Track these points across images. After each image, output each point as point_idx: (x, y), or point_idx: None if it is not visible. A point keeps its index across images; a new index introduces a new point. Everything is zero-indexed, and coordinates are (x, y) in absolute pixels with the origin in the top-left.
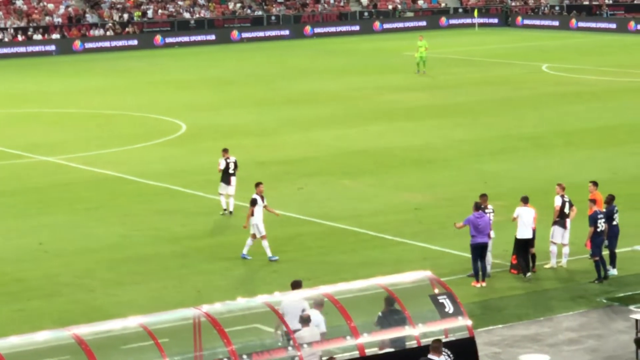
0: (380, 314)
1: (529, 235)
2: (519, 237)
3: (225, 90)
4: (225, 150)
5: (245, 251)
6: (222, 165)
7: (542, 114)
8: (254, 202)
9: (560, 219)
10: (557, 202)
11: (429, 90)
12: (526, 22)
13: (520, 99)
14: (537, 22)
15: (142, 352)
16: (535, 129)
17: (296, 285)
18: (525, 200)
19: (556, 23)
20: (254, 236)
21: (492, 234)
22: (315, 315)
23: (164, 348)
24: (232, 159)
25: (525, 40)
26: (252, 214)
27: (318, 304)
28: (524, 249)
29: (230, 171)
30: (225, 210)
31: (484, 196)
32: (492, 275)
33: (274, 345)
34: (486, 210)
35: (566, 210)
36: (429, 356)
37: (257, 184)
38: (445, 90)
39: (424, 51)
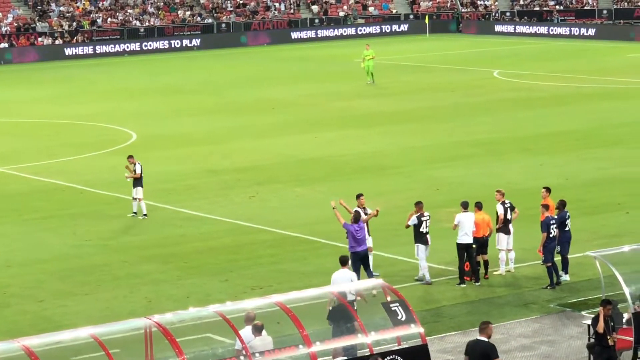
0: (330, 307)
1: (469, 241)
2: (458, 242)
3: (176, 98)
4: (131, 157)
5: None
6: (139, 171)
7: (494, 120)
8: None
9: (504, 225)
10: (500, 209)
11: (381, 97)
12: (477, 27)
13: (473, 105)
14: (488, 28)
15: None
16: (488, 135)
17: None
18: (465, 206)
19: (507, 29)
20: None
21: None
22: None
23: (115, 359)
24: (138, 164)
25: (476, 46)
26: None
27: (249, 319)
28: (467, 253)
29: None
30: (134, 213)
31: (419, 204)
32: (445, 282)
33: (226, 355)
34: (422, 218)
35: (508, 216)
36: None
37: (358, 196)
38: (397, 96)
39: (370, 60)
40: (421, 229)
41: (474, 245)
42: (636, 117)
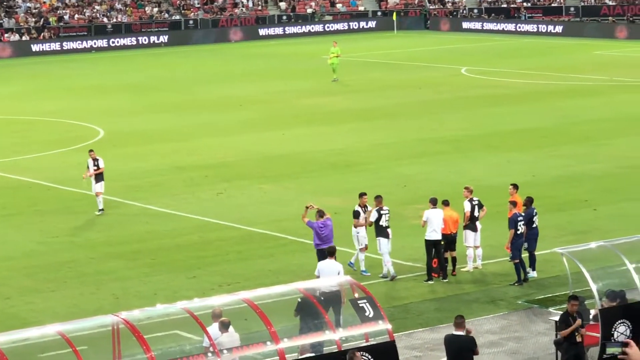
0: (299, 300)
1: (438, 237)
2: (427, 238)
3: (143, 95)
4: (91, 151)
5: (363, 267)
6: (102, 165)
7: (461, 116)
8: (357, 215)
9: (471, 222)
10: (467, 207)
11: (348, 94)
12: (445, 24)
13: (440, 102)
14: (456, 25)
15: None
16: (455, 132)
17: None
18: (433, 202)
19: (475, 26)
20: (362, 250)
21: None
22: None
23: (82, 356)
24: (100, 159)
25: (444, 43)
26: (355, 226)
27: (216, 316)
28: (435, 250)
29: (95, 168)
30: (102, 210)
31: (378, 197)
32: (412, 278)
33: (193, 352)
34: (382, 212)
35: (476, 213)
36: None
37: (361, 195)
38: (365, 93)
39: (335, 58)
40: (381, 223)
41: (442, 242)
42: (603, 114)
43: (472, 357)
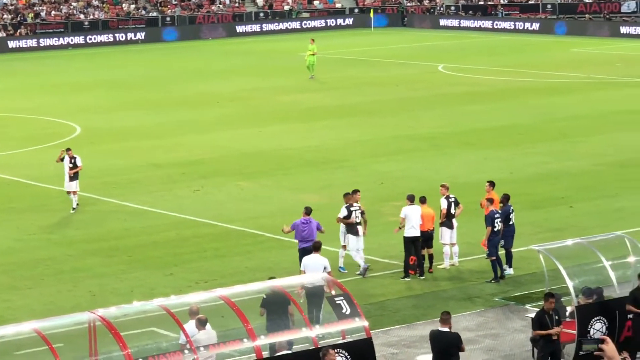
0: (264, 295)
1: (416, 234)
2: (406, 235)
3: (120, 92)
4: (68, 149)
5: (341, 263)
6: (80, 164)
7: (438, 114)
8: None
9: (447, 219)
10: (443, 204)
11: (325, 91)
12: (422, 21)
13: (417, 100)
14: (433, 22)
15: (37, 357)
16: (432, 129)
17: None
18: (411, 199)
19: (452, 23)
20: (344, 247)
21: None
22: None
23: (59, 353)
24: (78, 157)
25: (421, 40)
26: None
27: (193, 313)
28: (414, 247)
29: (71, 167)
30: (77, 205)
31: (346, 195)
32: (389, 275)
33: (170, 349)
34: (352, 208)
35: (452, 210)
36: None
37: (355, 192)
38: (341, 90)
39: (311, 55)
40: (351, 219)
41: (420, 239)
42: (579, 112)
43: (457, 354)
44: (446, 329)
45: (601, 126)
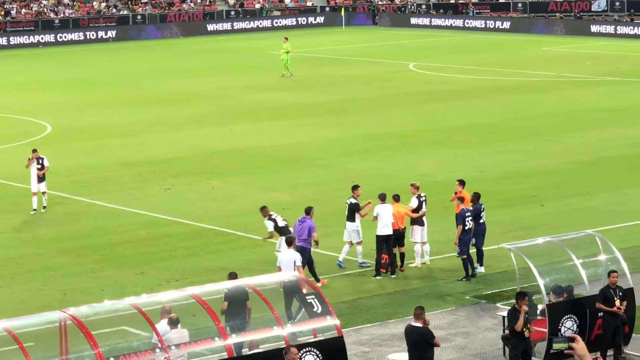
0: (226, 290)
1: (389, 232)
2: (378, 233)
3: (91, 90)
4: (34, 151)
5: (341, 258)
6: (47, 164)
7: (409, 112)
8: (356, 208)
9: (418, 217)
10: (414, 203)
11: (297, 90)
12: (393, 20)
13: (388, 98)
14: (404, 21)
15: (7, 356)
16: (403, 127)
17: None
18: (382, 198)
19: (423, 21)
20: (350, 243)
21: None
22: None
23: (29, 352)
24: (42, 157)
25: (392, 38)
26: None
27: (165, 312)
28: (386, 245)
29: (39, 168)
30: (35, 210)
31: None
32: (361, 274)
33: (142, 348)
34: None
35: (423, 209)
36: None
37: (355, 188)
38: (313, 89)
39: (285, 54)
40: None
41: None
42: (550, 110)
43: (430, 349)
44: (419, 324)
45: (572, 124)
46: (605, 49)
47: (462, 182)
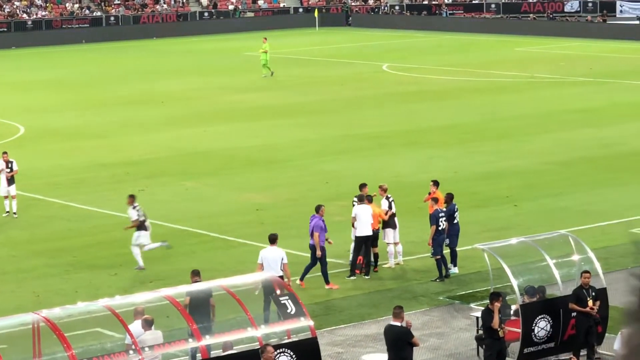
0: (190, 287)
1: (369, 233)
2: (358, 234)
3: (64, 91)
4: (4, 153)
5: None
6: (16, 167)
7: (383, 113)
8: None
9: (390, 218)
10: (384, 205)
11: (270, 91)
12: (366, 21)
13: (361, 99)
14: (377, 22)
15: None
16: (377, 128)
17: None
18: (360, 199)
19: (396, 22)
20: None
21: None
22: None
23: (2, 354)
24: (12, 160)
25: (365, 39)
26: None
27: (139, 314)
28: (365, 246)
29: (8, 171)
30: (7, 212)
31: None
32: (334, 275)
33: (115, 349)
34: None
35: (393, 210)
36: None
37: (363, 186)
38: (287, 90)
39: (263, 54)
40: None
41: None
42: (524, 111)
43: (409, 348)
44: (398, 324)
45: (546, 125)
46: (578, 49)
47: (436, 183)
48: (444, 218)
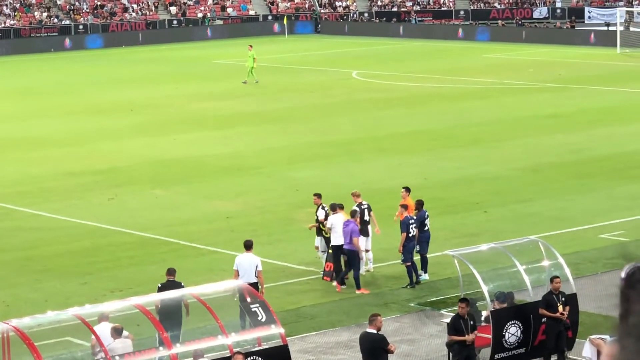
0: (159, 284)
1: (342, 241)
2: (333, 243)
3: (32, 100)
4: None
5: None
6: None
7: (353, 120)
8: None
9: (362, 226)
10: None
11: (240, 98)
12: (336, 28)
13: (331, 106)
14: (346, 29)
15: None
16: (347, 135)
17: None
18: (333, 208)
19: (365, 29)
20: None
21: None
22: None
23: None
24: None
25: (335, 47)
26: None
27: (104, 318)
28: (339, 254)
29: None
30: None
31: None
32: (305, 282)
33: (85, 358)
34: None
35: (366, 217)
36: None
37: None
38: (256, 97)
39: (251, 61)
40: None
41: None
42: (493, 117)
43: (384, 355)
44: (373, 331)
45: (514, 131)
46: (546, 55)
47: (407, 190)
48: (415, 225)
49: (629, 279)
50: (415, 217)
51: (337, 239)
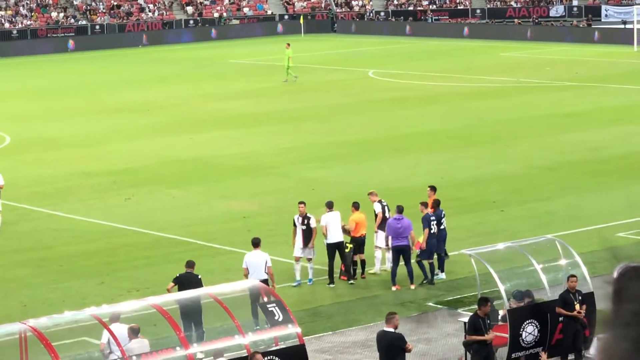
0: (177, 274)
1: (339, 239)
2: (328, 241)
3: (50, 100)
4: None
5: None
6: (2, 182)
7: (369, 119)
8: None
9: (382, 222)
10: (377, 208)
11: (256, 98)
12: (352, 27)
13: (348, 105)
14: (363, 28)
15: None
16: (363, 134)
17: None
18: (329, 206)
19: (382, 28)
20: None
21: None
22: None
23: None
24: None
25: (351, 46)
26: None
27: (115, 319)
28: (333, 252)
29: None
30: None
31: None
32: (321, 282)
33: (102, 358)
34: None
35: (387, 214)
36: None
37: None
38: (273, 97)
39: (287, 60)
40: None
41: (349, 244)
42: (510, 116)
43: (402, 354)
44: (390, 329)
45: (531, 130)
46: (563, 54)
47: (433, 188)
48: (435, 222)
49: (620, 278)
50: (434, 215)
51: (332, 237)
